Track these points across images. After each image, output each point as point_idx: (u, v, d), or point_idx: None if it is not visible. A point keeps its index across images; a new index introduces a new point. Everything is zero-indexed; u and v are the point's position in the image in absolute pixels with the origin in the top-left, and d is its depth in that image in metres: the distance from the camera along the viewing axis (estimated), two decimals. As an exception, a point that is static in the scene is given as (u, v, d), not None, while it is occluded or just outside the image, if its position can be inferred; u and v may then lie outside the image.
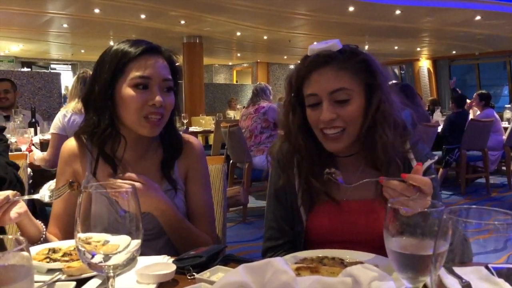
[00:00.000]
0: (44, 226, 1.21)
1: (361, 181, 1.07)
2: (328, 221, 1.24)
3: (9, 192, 1.08)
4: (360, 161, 1.26)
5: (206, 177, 1.41)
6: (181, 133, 1.42)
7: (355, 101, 1.17)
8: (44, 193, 1.16)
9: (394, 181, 0.98)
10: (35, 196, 1.15)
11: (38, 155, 2.97)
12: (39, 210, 2.78)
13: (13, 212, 1.09)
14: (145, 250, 0.79)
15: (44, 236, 1.19)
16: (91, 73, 3.31)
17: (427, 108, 7.82)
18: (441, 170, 5.74)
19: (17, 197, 1.10)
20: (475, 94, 6.49)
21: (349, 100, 1.16)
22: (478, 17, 9.15)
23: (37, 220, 1.20)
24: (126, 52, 1.25)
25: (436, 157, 1.21)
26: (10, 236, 0.59)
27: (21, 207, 1.11)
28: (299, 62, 1.25)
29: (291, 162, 1.28)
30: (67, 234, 1.29)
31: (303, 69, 1.20)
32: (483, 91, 6.40)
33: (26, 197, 1.16)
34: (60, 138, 2.94)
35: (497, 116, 6.17)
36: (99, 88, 1.26)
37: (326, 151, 1.24)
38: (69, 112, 3.05)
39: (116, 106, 1.26)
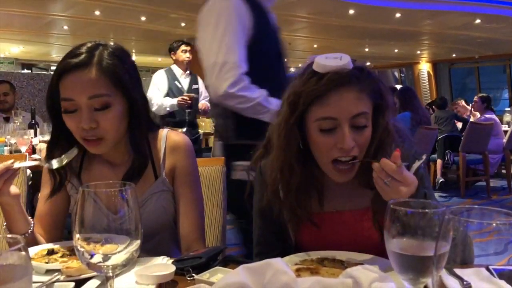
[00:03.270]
0: (32, 222, 1.20)
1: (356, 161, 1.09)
2: (318, 233, 1.19)
3: (9, 162, 1.07)
4: (352, 179, 1.16)
5: (193, 175, 1.33)
6: (167, 130, 1.34)
7: (370, 126, 1.10)
8: (51, 161, 1.16)
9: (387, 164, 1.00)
10: (42, 163, 1.14)
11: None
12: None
13: (14, 188, 1.09)
14: None
15: (31, 228, 1.18)
16: None
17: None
18: (439, 161, 5.82)
19: (18, 164, 1.07)
20: (476, 97, 6.52)
21: (367, 126, 1.08)
22: (478, 21, 9.16)
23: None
24: (57, 68, 1.16)
25: (424, 157, 1.13)
26: (8, 235, 0.59)
27: (17, 189, 1.11)
28: (306, 78, 1.09)
29: (276, 181, 1.18)
30: (51, 234, 1.29)
31: (317, 88, 1.05)
32: (484, 94, 6.44)
33: (29, 163, 1.15)
34: None
35: (497, 119, 6.19)
36: (47, 103, 1.21)
37: (317, 171, 1.17)
38: None
39: None
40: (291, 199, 1.16)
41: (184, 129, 4.20)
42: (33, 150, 3.29)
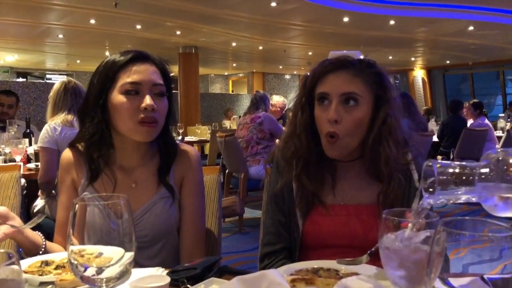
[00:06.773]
0: (44, 239, 1.20)
1: None
2: (324, 225, 1.25)
3: None
4: (360, 168, 1.27)
5: (200, 186, 1.40)
6: (177, 142, 1.42)
7: (362, 108, 1.21)
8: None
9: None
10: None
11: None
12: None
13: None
14: (138, 258, 0.78)
15: (43, 249, 1.19)
16: (75, 82, 3.24)
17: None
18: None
19: None
20: (467, 103, 6.60)
21: (357, 106, 1.20)
22: (471, 28, 9.26)
23: (37, 233, 1.20)
24: (115, 61, 1.28)
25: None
26: (1, 250, 0.58)
27: (8, 228, 1.10)
28: (317, 65, 1.28)
29: (292, 166, 1.29)
30: None
31: (320, 70, 1.24)
32: (476, 100, 6.52)
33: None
34: (51, 152, 2.77)
35: (490, 124, 6.24)
36: (92, 98, 1.29)
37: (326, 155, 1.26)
38: (59, 125, 2.82)
39: (110, 115, 1.28)
40: (298, 171, 1.27)
41: None
42: (27, 160, 3.28)
